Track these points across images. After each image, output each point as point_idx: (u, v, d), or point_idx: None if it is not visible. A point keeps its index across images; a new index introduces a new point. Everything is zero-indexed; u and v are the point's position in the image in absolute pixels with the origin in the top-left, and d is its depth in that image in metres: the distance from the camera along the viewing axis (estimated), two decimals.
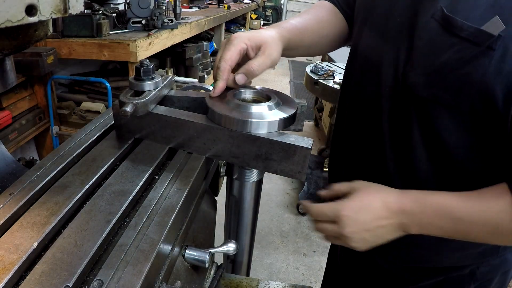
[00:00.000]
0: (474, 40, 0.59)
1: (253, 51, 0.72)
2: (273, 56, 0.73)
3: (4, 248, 0.44)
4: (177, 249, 0.56)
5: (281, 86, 6.24)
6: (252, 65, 0.69)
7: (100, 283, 0.41)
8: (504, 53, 0.58)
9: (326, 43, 0.96)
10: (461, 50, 0.61)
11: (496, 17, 0.57)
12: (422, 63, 0.67)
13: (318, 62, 3.41)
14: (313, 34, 0.90)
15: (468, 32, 0.59)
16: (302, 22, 0.88)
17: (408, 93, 0.70)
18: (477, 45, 0.59)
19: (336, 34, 0.97)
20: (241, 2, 6.01)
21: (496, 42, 0.57)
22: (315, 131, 4.57)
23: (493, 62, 0.59)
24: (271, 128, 0.61)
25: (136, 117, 0.65)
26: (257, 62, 0.70)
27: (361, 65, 0.85)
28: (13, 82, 0.64)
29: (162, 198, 0.56)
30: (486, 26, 0.57)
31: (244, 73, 0.69)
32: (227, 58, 0.68)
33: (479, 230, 0.65)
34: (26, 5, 0.42)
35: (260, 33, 0.74)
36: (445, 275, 0.84)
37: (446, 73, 0.64)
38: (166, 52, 2.79)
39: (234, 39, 0.71)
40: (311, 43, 0.91)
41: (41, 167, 0.60)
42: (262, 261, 2.50)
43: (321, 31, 0.92)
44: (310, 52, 0.96)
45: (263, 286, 0.91)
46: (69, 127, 2.39)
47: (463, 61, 0.61)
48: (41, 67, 1.89)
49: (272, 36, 0.76)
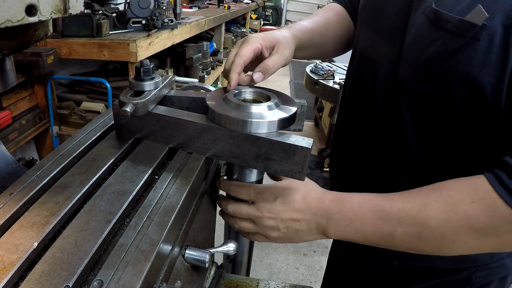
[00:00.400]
0: (458, 31, 0.58)
1: (267, 51, 0.76)
2: (287, 55, 0.76)
3: (4, 248, 0.44)
4: (177, 249, 0.56)
5: (281, 86, 6.24)
6: (268, 63, 0.72)
7: (100, 283, 0.41)
8: (489, 43, 0.56)
9: (334, 45, 0.98)
10: (446, 42, 0.60)
11: (479, 6, 0.55)
12: (410, 57, 0.67)
13: (318, 62, 3.41)
14: (321, 35, 0.93)
15: (452, 23, 0.58)
16: (311, 23, 0.92)
17: (399, 89, 0.70)
18: (461, 36, 0.58)
19: (344, 36, 0.98)
20: (241, 2, 6.01)
21: (480, 32, 0.56)
22: (315, 131, 4.57)
23: (478, 53, 0.57)
24: (271, 128, 0.61)
25: (136, 117, 0.65)
26: (272, 60, 0.73)
27: (359, 63, 0.86)
28: (13, 82, 0.64)
29: (162, 198, 0.56)
30: (469, 16, 0.56)
31: (260, 71, 0.72)
32: (242, 54, 0.71)
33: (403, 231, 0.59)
34: (26, 5, 0.42)
35: (273, 34, 0.78)
36: (441, 278, 0.83)
37: (431, 66, 0.62)
38: (166, 52, 2.79)
39: (250, 38, 0.74)
40: (320, 44, 0.93)
41: (41, 167, 0.60)
42: (262, 261, 2.50)
43: (329, 33, 0.95)
44: (319, 53, 0.98)
45: (263, 286, 0.91)
46: (69, 127, 2.39)
47: (448, 53, 0.60)
48: (41, 67, 1.89)
49: (285, 36, 0.79)
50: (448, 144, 0.68)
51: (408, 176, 0.75)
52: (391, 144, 0.76)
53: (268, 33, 0.78)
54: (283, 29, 0.85)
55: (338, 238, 0.65)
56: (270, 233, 0.67)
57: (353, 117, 0.89)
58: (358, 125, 0.86)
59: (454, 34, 0.58)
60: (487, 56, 0.56)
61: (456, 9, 0.59)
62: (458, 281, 0.82)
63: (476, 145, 0.65)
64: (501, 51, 0.56)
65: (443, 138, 0.68)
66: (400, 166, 0.76)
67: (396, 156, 0.76)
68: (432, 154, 0.71)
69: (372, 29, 0.80)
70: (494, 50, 0.56)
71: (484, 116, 0.62)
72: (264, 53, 0.75)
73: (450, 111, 0.64)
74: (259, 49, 0.74)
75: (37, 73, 1.91)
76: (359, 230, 0.61)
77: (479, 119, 0.62)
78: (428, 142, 0.70)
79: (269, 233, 0.67)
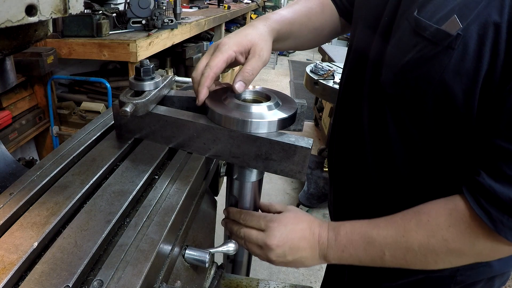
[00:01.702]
0: (433, 40, 0.59)
1: (243, 56, 0.70)
2: (264, 56, 0.71)
3: (4, 248, 0.44)
4: (177, 249, 0.56)
5: (281, 86, 6.24)
6: (246, 71, 0.68)
7: (100, 283, 0.41)
8: (464, 52, 0.57)
9: (315, 36, 0.94)
10: (423, 49, 0.61)
11: (454, 17, 0.56)
12: (391, 61, 0.68)
13: (318, 62, 3.41)
14: (301, 25, 0.88)
15: (429, 31, 0.60)
16: (291, 13, 0.86)
17: (382, 91, 0.71)
18: (437, 44, 0.59)
19: (326, 27, 0.95)
20: (241, 2, 6.01)
21: (455, 42, 0.57)
22: (315, 131, 4.57)
23: (452, 61, 0.58)
24: (271, 128, 0.61)
25: (136, 117, 0.65)
26: (250, 67, 0.68)
27: (353, 62, 0.86)
28: (13, 82, 0.64)
29: (162, 198, 0.56)
30: (445, 25, 0.58)
31: (241, 80, 0.67)
32: (213, 65, 0.66)
33: (391, 254, 0.65)
34: (26, 5, 0.42)
35: (247, 36, 0.71)
36: (425, 274, 0.83)
37: (409, 71, 0.64)
38: (166, 52, 2.79)
39: (222, 46, 0.68)
40: (300, 34, 0.89)
41: (41, 167, 0.60)
42: (262, 261, 2.50)
43: (310, 23, 0.90)
44: (298, 44, 0.94)
45: (263, 286, 0.91)
46: (69, 127, 2.39)
47: (424, 59, 0.61)
48: (41, 67, 1.89)
49: (260, 34, 0.73)
50: (426, 147, 0.69)
51: (397, 176, 0.76)
52: (377, 145, 0.77)
53: (241, 35, 0.71)
54: (259, 21, 0.78)
55: (337, 262, 0.71)
56: (275, 259, 0.72)
57: (343, 116, 0.90)
58: (346, 124, 0.88)
59: (431, 42, 0.60)
60: (460, 64, 0.58)
61: (435, 17, 0.60)
62: (442, 279, 0.83)
63: (451, 151, 0.67)
64: (474, 60, 0.57)
65: (421, 141, 0.69)
66: (387, 166, 0.77)
67: (383, 156, 0.77)
68: (415, 156, 0.72)
69: (367, 28, 0.79)
70: (468, 58, 0.57)
71: (455, 123, 0.63)
72: (240, 59, 0.70)
73: (422, 115, 0.66)
74: (232, 57, 0.69)
75: (37, 73, 1.91)
76: (353, 255, 0.68)
77: (449, 125, 0.64)
78: (410, 144, 0.71)
79: (274, 259, 0.72)
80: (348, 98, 0.87)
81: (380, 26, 0.74)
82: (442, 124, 0.65)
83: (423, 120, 0.67)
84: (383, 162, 0.78)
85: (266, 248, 0.71)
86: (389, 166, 0.77)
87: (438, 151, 0.68)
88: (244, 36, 0.71)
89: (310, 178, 3.10)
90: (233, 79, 0.68)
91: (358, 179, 0.87)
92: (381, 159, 0.78)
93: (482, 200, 0.57)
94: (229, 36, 0.71)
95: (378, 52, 0.73)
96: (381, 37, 0.73)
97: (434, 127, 0.66)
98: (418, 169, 0.72)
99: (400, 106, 0.69)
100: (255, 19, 0.81)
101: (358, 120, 0.81)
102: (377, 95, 0.74)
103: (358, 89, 0.80)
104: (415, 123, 0.68)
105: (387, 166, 0.77)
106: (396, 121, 0.71)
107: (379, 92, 0.73)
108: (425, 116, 0.66)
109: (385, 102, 0.72)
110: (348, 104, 0.87)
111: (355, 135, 0.84)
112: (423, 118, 0.66)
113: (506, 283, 0.88)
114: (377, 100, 0.74)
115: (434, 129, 0.66)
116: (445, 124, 0.64)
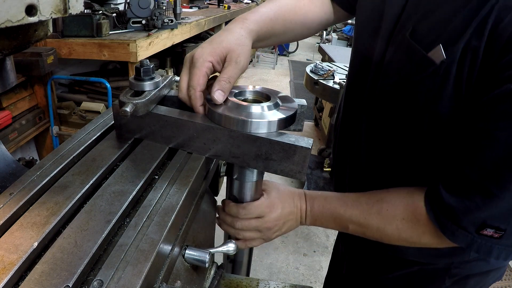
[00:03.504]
0: (421, 65, 0.63)
1: (219, 65, 0.68)
2: (242, 63, 0.68)
3: (4, 248, 0.44)
4: (177, 249, 0.56)
5: (281, 86, 6.24)
6: (222, 80, 0.65)
7: (100, 283, 0.41)
8: (446, 78, 0.60)
9: (302, 30, 0.91)
10: (410, 72, 0.66)
11: (439, 46, 0.60)
12: (384, 79, 0.74)
13: (318, 62, 3.41)
14: (285, 21, 0.84)
15: (417, 56, 0.64)
16: (274, 10, 0.82)
17: (377, 102, 0.77)
18: (422, 71, 0.63)
19: (316, 18, 0.92)
20: (241, 2, 6.01)
21: (439, 69, 0.61)
22: (315, 131, 4.57)
23: (436, 86, 0.62)
24: (271, 128, 0.61)
25: (136, 117, 0.65)
26: (226, 75, 0.66)
27: (359, 65, 0.87)
28: (13, 82, 0.64)
29: (162, 198, 0.56)
30: (431, 53, 0.61)
31: (219, 89, 0.64)
32: (195, 85, 0.65)
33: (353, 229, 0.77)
34: (26, 5, 0.42)
35: (221, 43, 0.68)
36: (420, 266, 0.86)
37: (396, 92, 0.71)
38: (166, 52, 2.79)
39: (196, 60, 0.66)
40: (284, 31, 0.86)
41: (41, 167, 0.60)
42: (262, 261, 2.50)
43: (296, 18, 0.87)
44: (285, 39, 0.92)
45: (263, 286, 0.91)
46: (69, 127, 2.39)
47: (411, 83, 0.67)
48: (41, 67, 1.89)
49: (236, 39, 0.70)
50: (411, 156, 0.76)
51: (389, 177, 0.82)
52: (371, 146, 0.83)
53: (215, 43, 0.68)
54: (235, 24, 0.74)
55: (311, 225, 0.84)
56: (272, 235, 0.81)
57: (344, 118, 0.94)
58: (346, 128, 0.92)
59: (418, 67, 0.64)
60: (444, 89, 0.62)
61: (426, 40, 0.63)
62: (436, 271, 0.86)
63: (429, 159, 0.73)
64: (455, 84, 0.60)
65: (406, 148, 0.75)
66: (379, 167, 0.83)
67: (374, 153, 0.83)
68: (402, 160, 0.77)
69: (371, 32, 0.79)
70: (450, 83, 0.61)
71: (437, 139, 0.68)
72: (217, 68, 0.68)
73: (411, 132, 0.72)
74: (210, 69, 0.67)
75: (37, 73, 1.91)
76: (324, 224, 0.81)
77: (432, 140, 0.69)
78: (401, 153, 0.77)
79: (272, 235, 0.81)
80: (349, 100, 0.91)
81: (382, 30, 0.75)
82: (425, 137, 0.70)
83: (408, 132, 0.72)
84: (376, 163, 0.83)
85: (266, 230, 0.79)
86: (381, 166, 0.82)
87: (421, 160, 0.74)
88: (219, 43, 0.68)
89: (310, 178, 3.10)
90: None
91: (355, 179, 0.91)
92: (375, 160, 0.83)
93: (435, 206, 0.65)
94: (202, 46, 0.69)
95: (378, 57, 0.76)
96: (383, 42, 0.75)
97: (418, 140, 0.71)
98: (406, 174, 0.78)
99: (391, 121, 0.76)
100: (232, 21, 0.76)
101: (356, 127, 0.86)
102: (374, 103, 0.79)
103: (359, 94, 0.84)
104: (403, 136, 0.74)
105: (379, 167, 0.82)
106: (389, 131, 0.77)
107: (375, 101, 0.78)
108: (409, 129, 0.71)
109: (380, 112, 0.78)
110: (348, 107, 0.91)
111: (353, 135, 0.87)
112: (408, 130, 0.72)
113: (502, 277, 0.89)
114: (374, 108, 0.79)
115: (417, 140, 0.72)
116: (428, 137, 0.69)
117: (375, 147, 0.82)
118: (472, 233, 0.62)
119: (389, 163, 0.80)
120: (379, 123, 0.78)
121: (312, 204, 0.80)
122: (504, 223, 0.60)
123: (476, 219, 0.61)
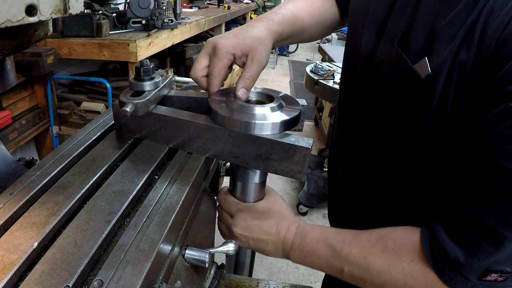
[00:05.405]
0: (406, 78, 0.60)
1: (240, 60, 0.69)
2: (263, 61, 0.70)
3: (4, 248, 0.44)
4: (177, 249, 0.56)
5: (281, 86, 6.24)
6: (246, 77, 0.67)
7: (100, 283, 0.41)
8: (431, 92, 0.57)
9: (316, 31, 0.94)
10: (395, 84, 0.63)
11: (424, 59, 0.56)
12: (370, 88, 0.71)
13: (318, 62, 3.41)
14: (302, 23, 0.87)
15: (404, 68, 0.60)
16: (293, 11, 0.85)
17: (366, 108, 0.74)
18: (408, 83, 0.60)
19: (327, 21, 0.95)
20: (241, 2, 6.01)
21: (425, 83, 0.57)
22: (315, 131, 4.57)
23: (420, 100, 0.59)
24: (274, 130, 0.61)
25: (136, 117, 0.65)
26: (249, 73, 0.67)
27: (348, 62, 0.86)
28: (13, 82, 0.64)
29: (162, 198, 0.56)
30: (416, 65, 0.58)
31: (243, 87, 0.67)
32: (217, 75, 0.67)
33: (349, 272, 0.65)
34: (26, 5, 0.42)
35: (245, 39, 0.69)
36: None
37: (381, 102, 0.67)
38: (166, 52, 2.79)
39: (219, 51, 0.67)
40: (301, 32, 0.89)
41: (41, 167, 0.60)
42: (262, 261, 2.50)
43: (311, 19, 0.89)
44: (298, 40, 0.94)
45: (263, 286, 0.91)
46: (69, 127, 2.39)
47: (396, 94, 0.63)
48: (41, 67, 1.89)
49: (260, 38, 0.71)
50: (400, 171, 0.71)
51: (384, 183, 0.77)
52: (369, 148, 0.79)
53: (241, 37, 0.69)
54: (260, 22, 0.75)
55: (298, 263, 0.72)
56: (239, 244, 0.74)
57: (339, 118, 0.92)
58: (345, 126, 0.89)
59: (403, 80, 0.61)
60: (428, 104, 0.58)
61: (413, 50, 0.59)
62: None
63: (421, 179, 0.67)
64: (441, 99, 0.57)
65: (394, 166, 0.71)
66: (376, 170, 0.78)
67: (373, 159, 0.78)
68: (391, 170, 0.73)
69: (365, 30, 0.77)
70: (435, 98, 0.57)
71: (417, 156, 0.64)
72: (238, 63, 0.70)
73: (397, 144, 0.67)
74: (231, 61, 0.69)
75: (37, 73, 1.91)
76: (314, 263, 0.69)
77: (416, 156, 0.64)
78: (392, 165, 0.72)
79: (239, 243, 0.74)
80: (343, 102, 0.89)
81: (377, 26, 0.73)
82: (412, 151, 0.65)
83: (396, 143, 0.68)
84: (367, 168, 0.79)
85: (231, 233, 0.74)
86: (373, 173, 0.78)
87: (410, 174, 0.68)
88: (243, 39, 0.69)
89: (310, 178, 3.10)
90: (235, 83, 0.68)
91: (353, 180, 0.88)
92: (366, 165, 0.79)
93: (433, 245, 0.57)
94: (226, 37, 0.69)
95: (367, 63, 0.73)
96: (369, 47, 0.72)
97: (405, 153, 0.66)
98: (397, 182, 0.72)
99: (377, 130, 0.72)
100: (256, 19, 0.79)
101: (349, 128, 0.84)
102: (364, 109, 0.76)
103: (351, 97, 0.82)
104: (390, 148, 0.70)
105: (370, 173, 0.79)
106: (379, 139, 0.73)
107: (363, 107, 0.75)
108: (396, 140, 0.67)
109: (369, 119, 0.74)
110: (343, 108, 0.89)
111: (352, 136, 0.85)
112: (396, 141, 0.67)
113: None
114: (363, 113, 0.76)
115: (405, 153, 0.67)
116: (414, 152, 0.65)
117: (364, 154, 0.78)
118: (473, 280, 0.55)
119: (381, 172, 0.75)
120: (369, 129, 0.75)
121: (303, 238, 0.70)
122: (510, 266, 0.53)
123: (479, 268, 0.54)
